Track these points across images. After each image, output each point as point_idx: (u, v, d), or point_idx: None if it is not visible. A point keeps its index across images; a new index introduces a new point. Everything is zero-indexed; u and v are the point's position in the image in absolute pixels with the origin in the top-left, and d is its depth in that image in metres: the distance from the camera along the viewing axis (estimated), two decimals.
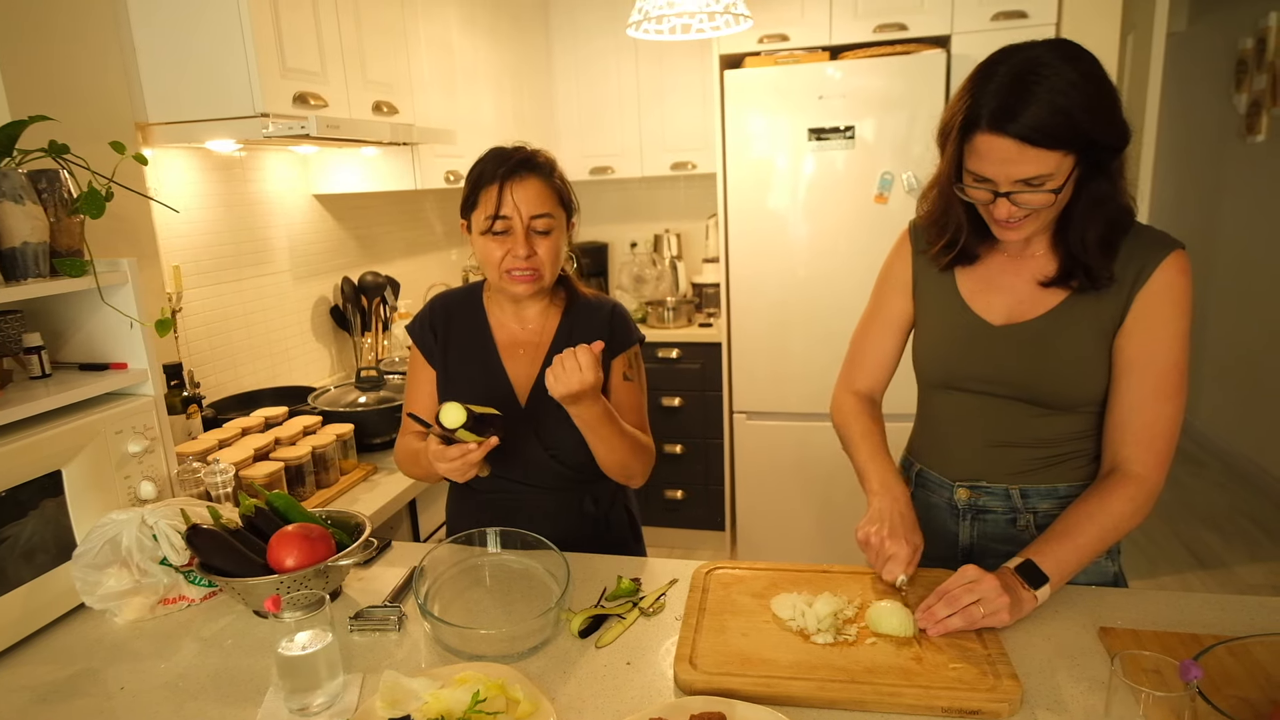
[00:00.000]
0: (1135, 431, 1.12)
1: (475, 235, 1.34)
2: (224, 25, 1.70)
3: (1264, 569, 3.22)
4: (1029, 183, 1.04)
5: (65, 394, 1.29)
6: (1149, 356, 1.11)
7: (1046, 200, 1.06)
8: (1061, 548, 1.08)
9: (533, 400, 1.39)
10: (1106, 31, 2.75)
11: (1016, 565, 1.08)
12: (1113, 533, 1.10)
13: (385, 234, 2.91)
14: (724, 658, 1.01)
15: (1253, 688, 0.89)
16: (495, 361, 1.41)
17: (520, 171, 1.30)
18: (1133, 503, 1.11)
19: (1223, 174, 4.23)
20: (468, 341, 1.43)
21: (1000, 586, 1.03)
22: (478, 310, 1.45)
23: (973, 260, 1.24)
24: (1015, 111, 1.00)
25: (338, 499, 1.76)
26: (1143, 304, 1.11)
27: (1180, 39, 4.30)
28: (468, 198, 1.34)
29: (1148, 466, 1.12)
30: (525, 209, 1.29)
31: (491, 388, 1.40)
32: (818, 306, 3.03)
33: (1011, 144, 1.02)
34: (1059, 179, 1.04)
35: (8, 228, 1.24)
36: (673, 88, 3.39)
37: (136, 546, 1.21)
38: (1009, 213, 1.08)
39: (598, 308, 1.45)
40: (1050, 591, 1.07)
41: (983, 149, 1.05)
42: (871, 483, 1.22)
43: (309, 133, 1.71)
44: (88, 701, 1.03)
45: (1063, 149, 1.02)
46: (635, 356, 1.45)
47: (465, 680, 0.93)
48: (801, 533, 3.24)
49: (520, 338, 1.43)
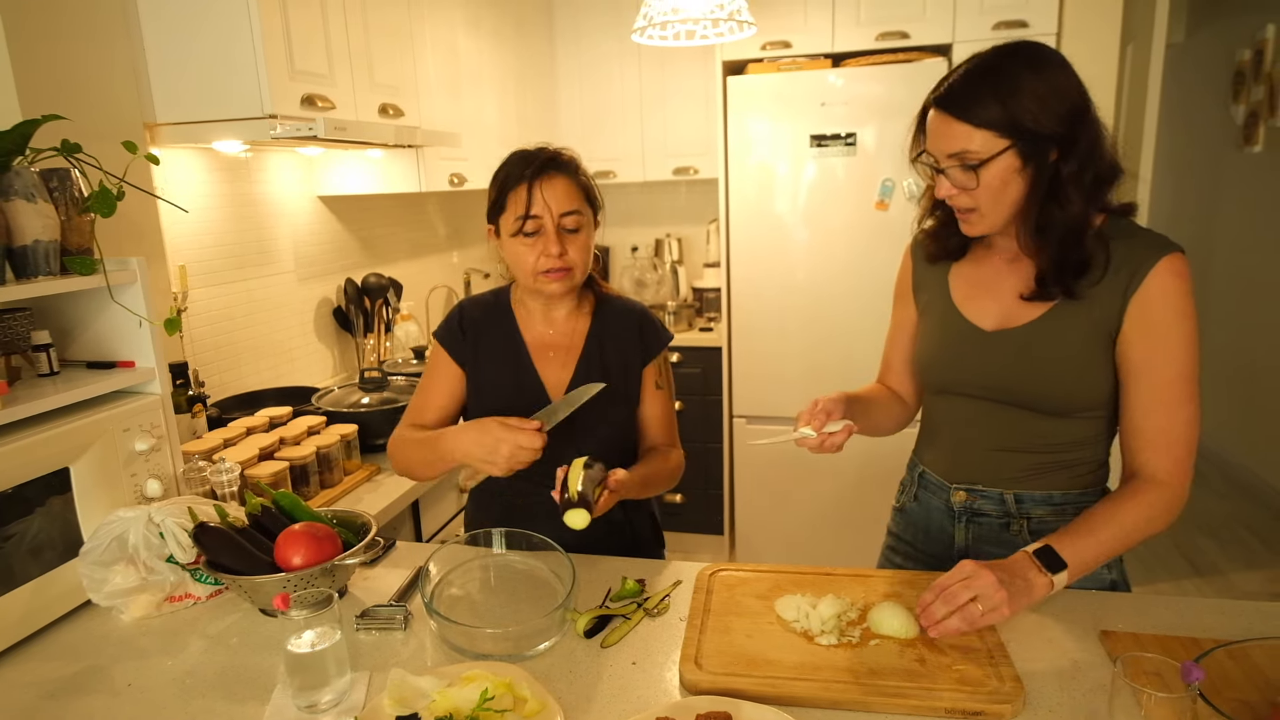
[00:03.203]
0: (1150, 438, 1.12)
1: (505, 239, 1.33)
2: (233, 27, 1.72)
3: (1261, 577, 3.24)
4: (960, 160, 1.09)
5: (73, 392, 1.29)
6: (1153, 364, 1.11)
7: (970, 181, 1.09)
8: (1082, 540, 1.08)
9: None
10: (1106, 41, 2.78)
11: (1036, 549, 1.08)
12: (1134, 534, 1.10)
13: (389, 236, 2.92)
14: (729, 658, 1.02)
15: (1252, 690, 0.90)
16: (528, 365, 1.40)
17: (548, 170, 1.30)
18: (1153, 508, 1.11)
19: (1220, 184, 4.26)
20: (498, 345, 1.42)
21: (996, 581, 1.02)
22: (506, 314, 1.44)
23: (959, 255, 1.27)
24: (955, 90, 1.09)
25: (341, 499, 1.76)
26: (1139, 309, 1.10)
27: (1179, 50, 4.33)
28: (495, 202, 1.33)
29: (1168, 473, 1.11)
30: (555, 206, 1.29)
31: (524, 391, 1.39)
32: (818, 312, 3.04)
33: (944, 118, 1.09)
34: (981, 156, 1.07)
35: (19, 226, 1.25)
36: (675, 93, 3.41)
37: (143, 544, 1.21)
38: (946, 190, 1.13)
39: (627, 312, 1.45)
40: (1067, 580, 1.06)
41: (929, 125, 1.13)
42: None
43: (317, 134, 1.72)
44: (94, 698, 1.03)
45: (990, 129, 1.06)
46: (665, 362, 1.46)
47: (472, 679, 0.94)
48: (800, 537, 3.25)
49: (550, 340, 1.42)
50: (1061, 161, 1.07)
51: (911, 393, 1.41)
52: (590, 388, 1.27)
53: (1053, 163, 1.07)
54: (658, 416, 1.44)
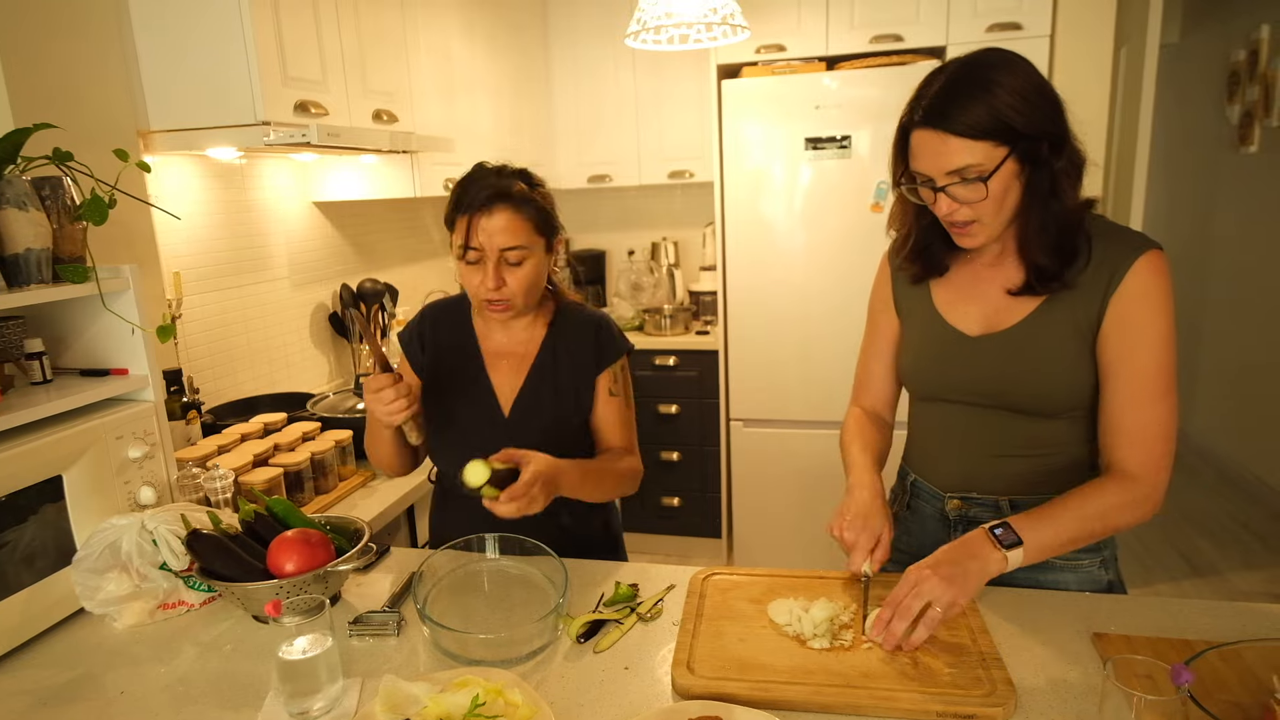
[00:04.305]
0: (1126, 433, 1.12)
1: (453, 256, 1.35)
2: (226, 33, 1.72)
3: (1258, 576, 3.24)
4: (962, 175, 1.07)
5: (66, 399, 1.29)
6: (1130, 360, 1.11)
7: (979, 193, 1.07)
8: (1041, 520, 1.08)
9: (516, 411, 1.41)
10: (1100, 43, 2.78)
11: (992, 526, 1.08)
12: (1097, 519, 1.09)
13: (384, 241, 2.92)
14: (721, 663, 1.02)
15: (1243, 692, 0.90)
16: (480, 371, 1.43)
17: (495, 204, 1.28)
18: (1122, 495, 1.10)
19: (1216, 185, 4.26)
20: (454, 351, 1.45)
21: (942, 580, 1.02)
22: (465, 320, 1.47)
23: (943, 272, 1.26)
24: (942, 106, 1.06)
25: (336, 505, 1.76)
26: (1118, 308, 1.10)
27: (1173, 51, 4.33)
28: (448, 217, 1.35)
29: (1142, 467, 1.11)
30: (496, 241, 1.28)
31: (476, 398, 1.42)
32: (814, 314, 3.04)
33: (939, 136, 1.07)
34: (987, 168, 1.06)
35: (11, 234, 1.25)
36: (670, 97, 3.41)
37: (136, 551, 1.21)
38: (949, 207, 1.11)
39: (584, 320, 1.46)
40: (1024, 558, 1.06)
41: (916, 146, 1.10)
42: (849, 479, 1.26)
43: (310, 141, 1.72)
44: (88, 706, 1.03)
45: (988, 139, 1.05)
46: (622, 369, 1.46)
47: (464, 684, 0.94)
48: (798, 540, 3.25)
49: (505, 348, 1.44)
50: (1054, 157, 1.08)
51: (892, 407, 1.40)
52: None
53: (1046, 160, 1.08)
54: (612, 423, 1.44)
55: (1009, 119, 1.04)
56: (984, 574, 1.05)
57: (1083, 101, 1.10)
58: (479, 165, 1.36)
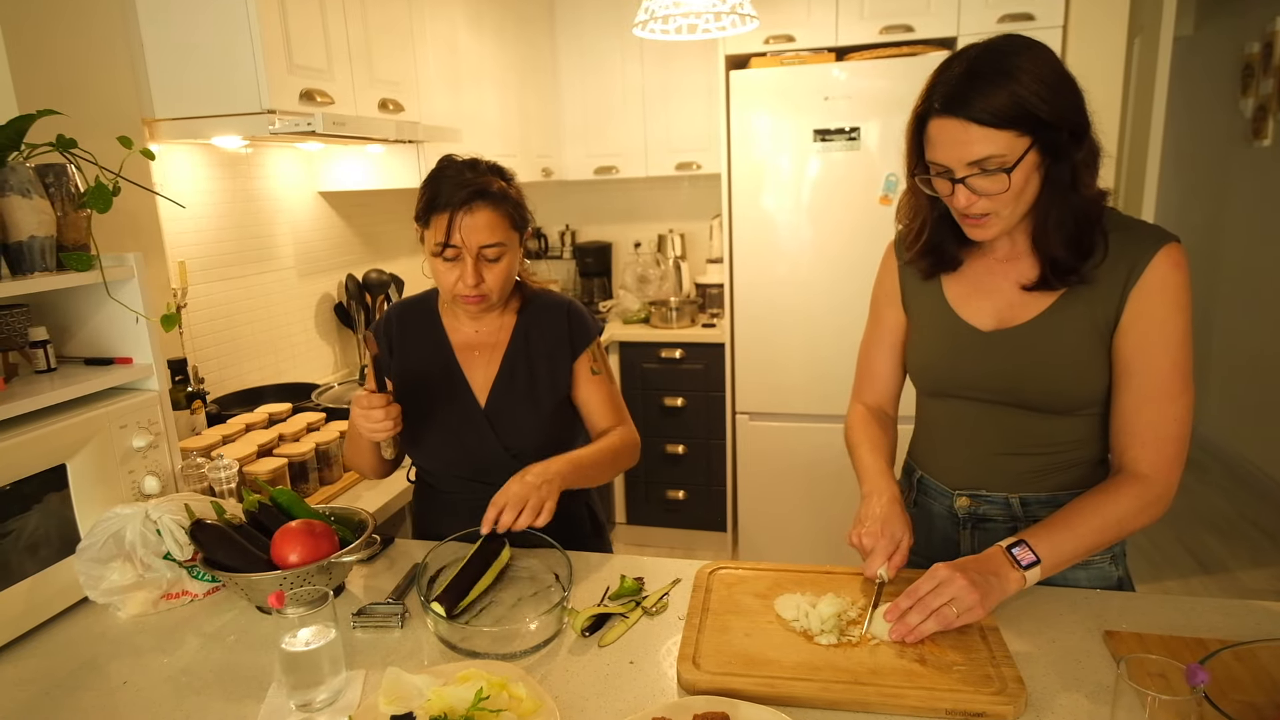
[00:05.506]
0: (1139, 433, 1.11)
1: (427, 253, 1.34)
2: (231, 22, 1.71)
3: (1267, 574, 3.22)
4: (982, 166, 1.03)
5: (70, 388, 1.29)
6: (1147, 357, 1.09)
7: (1000, 184, 1.04)
8: (1058, 534, 1.07)
9: (492, 401, 1.41)
10: (1113, 35, 2.75)
11: (1009, 545, 1.07)
12: (1114, 528, 1.08)
13: (389, 231, 2.91)
14: (727, 658, 1.01)
15: (1258, 692, 0.89)
16: (453, 365, 1.43)
17: (474, 201, 1.27)
18: (1137, 500, 1.09)
19: (1229, 178, 4.22)
20: (425, 349, 1.45)
21: (969, 583, 1.01)
22: (433, 316, 1.47)
23: (955, 266, 1.23)
24: (963, 93, 1.02)
25: (340, 496, 1.76)
26: (1137, 303, 1.08)
27: (1187, 43, 4.29)
28: (421, 213, 1.33)
29: (1155, 467, 1.10)
30: (475, 239, 1.28)
31: (450, 393, 1.42)
32: (821, 307, 3.02)
33: (960, 124, 1.02)
34: (1010, 159, 1.02)
35: (14, 221, 1.24)
36: (678, 88, 3.39)
37: (140, 541, 1.21)
38: (968, 200, 1.07)
39: (553, 307, 1.46)
40: (1041, 575, 1.05)
41: (935, 135, 1.06)
42: (863, 485, 1.23)
43: (315, 130, 1.71)
44: (91, 695, 1.03)
45: (1011, 128, 1.01)
46: (598, 348, 1.47)
47: (468, 678, 0.93)
48: (804, 534, 3.24)
49: (476, 340, 1.44)
50: (1075, 148, 1.05)
51: (895, 402, 1.38)
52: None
53: (1067, 150, 1.05)
54: (601, 401, 1.45)
55: (1033, 107, 1.00)
56: (1004, 592, 1.04)
57: (1095, 94, 1.07)
58: (448, 159, 1.34)
